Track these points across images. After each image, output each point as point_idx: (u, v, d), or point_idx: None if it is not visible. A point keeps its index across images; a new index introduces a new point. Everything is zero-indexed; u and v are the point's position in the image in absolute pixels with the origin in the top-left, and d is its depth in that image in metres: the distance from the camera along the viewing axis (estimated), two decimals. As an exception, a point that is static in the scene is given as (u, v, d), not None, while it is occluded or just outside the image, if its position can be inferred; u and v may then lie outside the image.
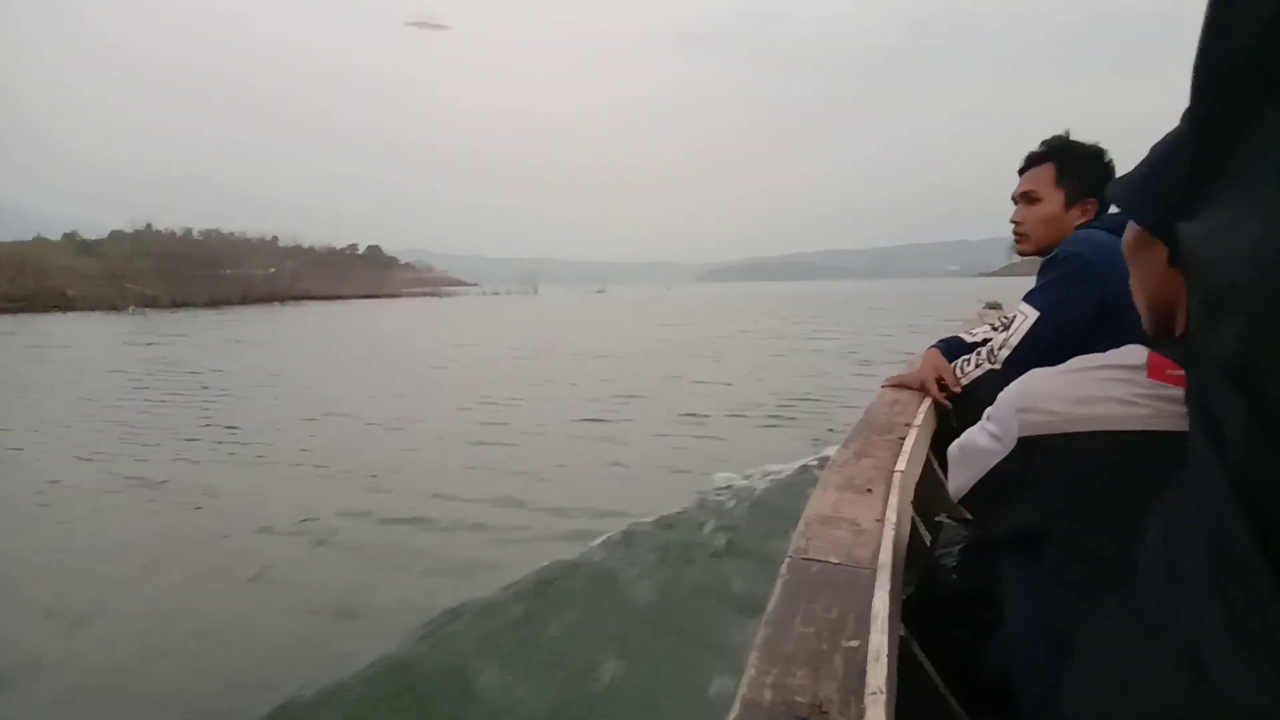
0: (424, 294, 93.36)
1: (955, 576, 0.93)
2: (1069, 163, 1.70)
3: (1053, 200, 1.72)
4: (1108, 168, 1.68)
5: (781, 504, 3.75)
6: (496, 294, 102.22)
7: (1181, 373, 0.57)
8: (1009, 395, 0.71)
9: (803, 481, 4.09)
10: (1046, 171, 1.73)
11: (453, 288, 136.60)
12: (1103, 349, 0.69)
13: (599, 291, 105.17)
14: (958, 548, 0.95)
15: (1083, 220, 1.69)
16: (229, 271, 59.42)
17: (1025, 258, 1.80)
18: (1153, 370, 0.62)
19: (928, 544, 1.02)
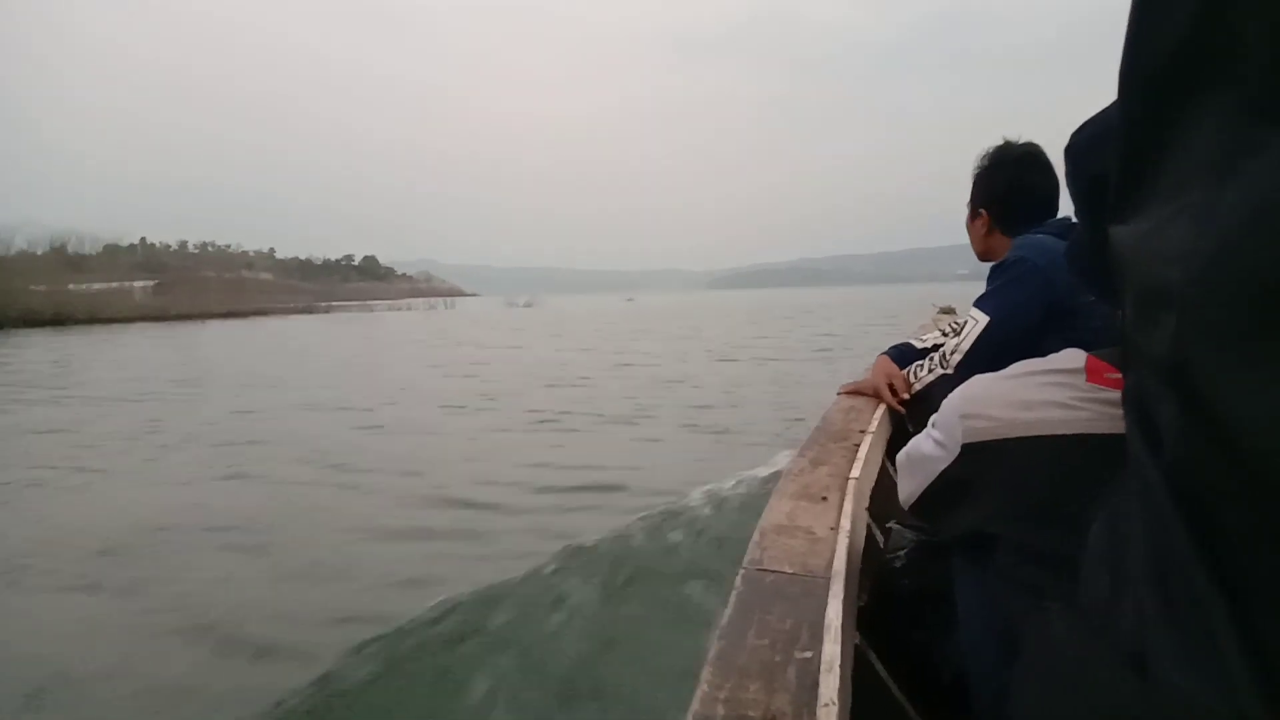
0: (298, 311, 69.31)
1: (908, 581, 0.93)
2: (974, 178, 1.75)
3: (968, 215, 1.78)
4: (989, 173, 1.69)
5: (741, 514, 3.58)
6: (400, 310, 79.46)
7: (1119, 376, 0.57)
8: (952, 402, 0.71)
9: (763, 491, 3.91)
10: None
11: (378, 302, 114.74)
12: (1055, 350, 0.68)
13: (525, 305, 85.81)
14: (912, 552, 0.94)
15: (985, 233, 1.73)
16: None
17: None
18: (1091, 374, 0.61)
19: (883, 550, 1.01)
